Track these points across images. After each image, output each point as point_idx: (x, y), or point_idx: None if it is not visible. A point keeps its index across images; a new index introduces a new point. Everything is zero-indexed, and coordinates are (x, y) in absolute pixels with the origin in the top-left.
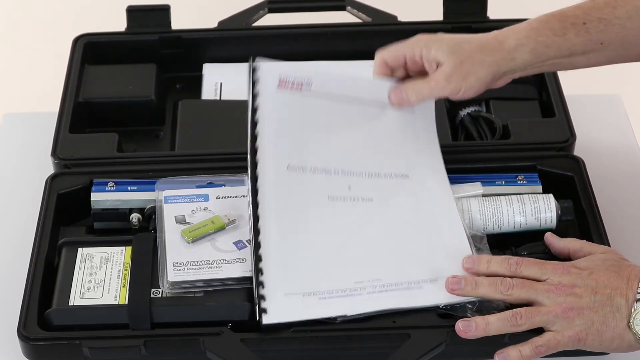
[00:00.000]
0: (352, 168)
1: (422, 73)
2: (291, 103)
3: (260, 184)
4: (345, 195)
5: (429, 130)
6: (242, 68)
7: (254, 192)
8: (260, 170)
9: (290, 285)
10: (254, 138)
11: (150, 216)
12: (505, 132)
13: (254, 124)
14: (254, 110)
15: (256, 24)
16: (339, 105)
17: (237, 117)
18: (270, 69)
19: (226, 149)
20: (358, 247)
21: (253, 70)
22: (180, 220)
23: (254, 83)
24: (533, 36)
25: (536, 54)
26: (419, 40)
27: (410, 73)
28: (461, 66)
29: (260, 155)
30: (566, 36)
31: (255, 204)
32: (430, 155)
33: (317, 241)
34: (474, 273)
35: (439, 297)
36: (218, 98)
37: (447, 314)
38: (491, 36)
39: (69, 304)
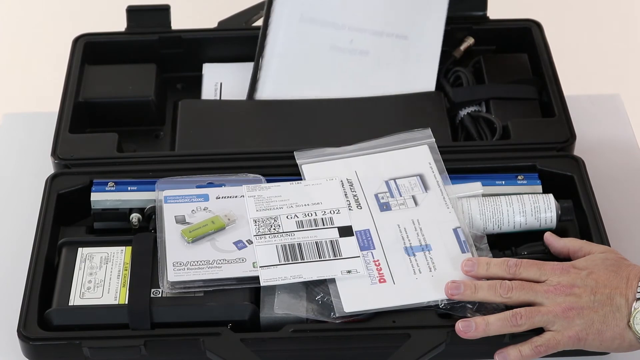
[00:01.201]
0: (358, 24)
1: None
2: (305, 31)
3: (270, 29)
4: (345, 47)
5: None
6: (242, 68)
7: (264, 35)
8: (273, 18)
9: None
10: (262, 52)
11: (150, 216)
12: (505, 132)
13: (264, 44)
14: (264, 36)
15: (256, 24)
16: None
17: (237, 117)
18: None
19: (226, 149)
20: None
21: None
22: (180, 220)
23: (269, 14)
24: None
25: None
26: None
27: None
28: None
29: (264, 69)
30: None
31: (262, 46)
32: (433, 20)
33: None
34: (473, 276)
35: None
36: (218, 98)
37: (447, 314)
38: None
39: (69, 304)
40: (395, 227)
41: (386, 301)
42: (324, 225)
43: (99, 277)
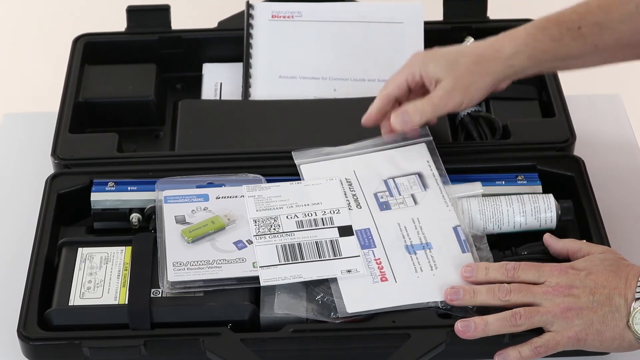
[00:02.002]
0: (339, 75)
1: (426, 92)
2: (283, 28)
3: (252, 89)
4: (330, 95)
5: (417, 37)
6: (242, 68)
7: (246, 94)
8: (253, 79)
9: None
10: (249, 55)
11: (150, 216)
12: (505, 132)
13: (249, 45)
14: (249, 35)
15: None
16: (329, 24)
17: (237, 117)
18: (264, 6)
19: (226, 149)
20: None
21: (248, 8)
22: (180, 220)
23: (249, 18)
24: (530, 43)
25: (534, 59)
26: (415, 60)
27: (414, 95)
28: (461, 79)
29: (253, 70)
30: (562, 41)
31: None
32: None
33: None
34: (472, 281)
35: None
36: (218, 98)
37: (447, 314)
38: (487, 45)
39: (69, 304)
40: (395, 225)
41: (388, 301)
42: (324, 225)
43: (99, 277)
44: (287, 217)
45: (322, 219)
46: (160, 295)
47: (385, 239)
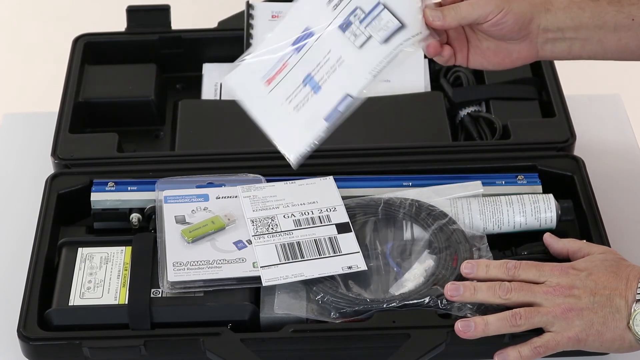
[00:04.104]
0: None
1: None
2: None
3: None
4: None
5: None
6: None
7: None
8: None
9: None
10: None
11: (150, 216)
12: (505, 132)
13: (249, 45)
14: (249, 35)
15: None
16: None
17: (237, 117)
18: (264, 6)
19: (226, 149)
20: None
21: (248, 8)
22: (180, 220)
23: (249, 18)
24: None
25: (570, 13)
26: None
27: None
28: None
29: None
30: (599, 2)
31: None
32: (414, 57)
33: None
34: (473, 278)
35: None
36: (218, 98)
37: (447, 314)
38: None
39: (69, 304)
40: (326, 50)
41: (245, 103)
42: (321, 222)
43: (99, 277)
44: (284, 216)
45: (319, 217)
46: (160, 295)
47: (309, 54)
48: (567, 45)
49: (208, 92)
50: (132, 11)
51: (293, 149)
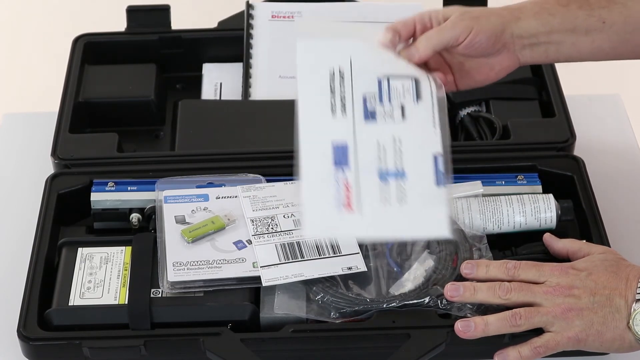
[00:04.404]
0: None
1: None
2: (283, 28)
3: (252, 89)
4: None
5: None
6: (242, 68)
7: (246, 94)
8: (253, 79)
9: None
10: (249, 55)
11: (150, 216)
12: (505, 132)
13: (249, 45)
14: (249, 35)
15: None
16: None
17: (237, 117)
18: (264, 6)
19: (226, 149)
20: None
21: (248, 8)
22: (180, 220)
23: (249, 18)
24: (538, 2)
25: (540, 19)
26: (428, 9)
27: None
28: (470, 12)
29: (253, 70)
30: (569, 7)
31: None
32: None
33: None
34: (473, 279)
35: None
36: (218, 98)
37: (447, 314)
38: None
39: (69, 304)
40: (375, 144)
41: (349, 230)
42: None
43: (99, 277)
44: (284, 216)
45: None
46: (160, 295)
47: (361, 159)
48: (543, 49)
49: (208, 92)
50: (132, 11)
51: (442, 228)
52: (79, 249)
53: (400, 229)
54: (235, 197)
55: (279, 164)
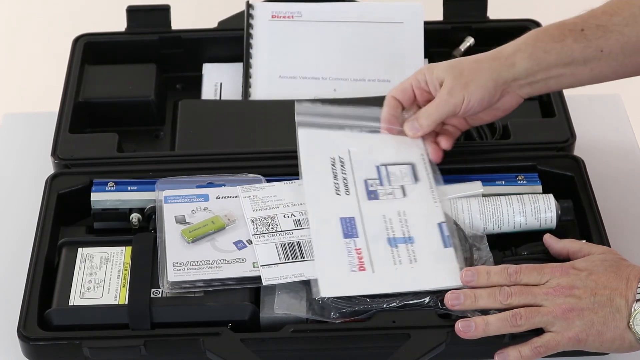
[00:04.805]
0: (338, 75)
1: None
2: (283, 28)
3: (252, 89)
4: (330, 95)
5: (417, 37)
6: (242, 68)
7: (246, 94)
8: (253, 79)
9: None
10: (249, 55)
11: (150, 216)
12: (505, 132)
13: (249, 45)
14: (249, 35)
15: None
16: (328, 25)
17: (237, 117)
18: (264, 6)
19: (226, 149)
20: None
21: (248, 8)
22: (180, 220)
23: (249, 18)
24: (531, 42)
25: (535, 59)
26: (422, 68)
27: (421, 105)
28: (460, 77)
29: (253, 70)
30: (565, 42)
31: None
32: (413, 59)
33: None
34: (474, 286)
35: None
36: (218, 98)
37: (447, 314)
38: (490, 50)
39: (69, 304)
40: (380, 217)
41: (362, 288)
42: None
43: (99, 277)
44: (284, 216)
45: None
46: (160, 295)
47: (369, 230)
48: (543, 84)
49: (208, 92)
50: (132, 11)
51: (454, 279)
52: (79, 249)
53: (413, 283)
54: (235, 197)
55: (279, 164)
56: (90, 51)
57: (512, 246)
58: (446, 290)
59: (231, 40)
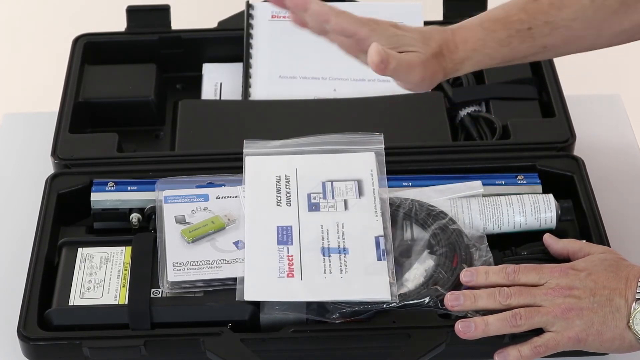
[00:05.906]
0: (338, 75)
1: None
2: (283, 28)
3: (252, 89)
4: (330, 95)
5: None
6: (242, 68)
7: (246, 94)
8: (253, 79)
9: None
10: (249, 55)
11: (150, 216)
12: (505, 132)
13: (249, 45)
14: (249, 35)
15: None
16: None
17: (237, 117)
18: (264, 6)
19: (226, 149)
20: None
21: (248, 8)
22: (180, 220)
23: (249, 18)
24: (479, 49)
25: (480, 65)
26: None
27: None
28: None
29: (253, 70)
30: (511, 45)
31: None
32: None
33: None
34: (473, 286)
35: None
36: (218, 98)
37: (447, 314)
38: (449, 35)
39: (69, 304)
40: (318, 227)
41: (289, 294)
42: None
43: (99, 277)
44: None
45: None
46: (160, 295)
47: (304, 238)
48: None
49: (208, 92)
50: (132, 11)
51: (383, 292)
52: (79, 249)
53: (341, 292)
54: (235, 197)
55: None
56: (90, 51)
57: (512, 246)
58: (380, 302)
59: (231, 40)
